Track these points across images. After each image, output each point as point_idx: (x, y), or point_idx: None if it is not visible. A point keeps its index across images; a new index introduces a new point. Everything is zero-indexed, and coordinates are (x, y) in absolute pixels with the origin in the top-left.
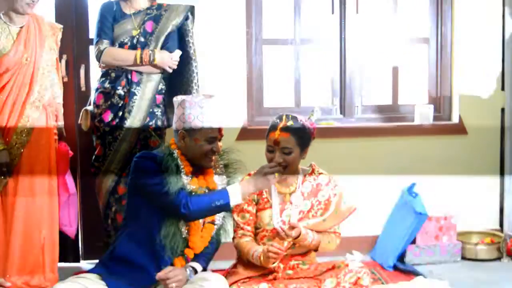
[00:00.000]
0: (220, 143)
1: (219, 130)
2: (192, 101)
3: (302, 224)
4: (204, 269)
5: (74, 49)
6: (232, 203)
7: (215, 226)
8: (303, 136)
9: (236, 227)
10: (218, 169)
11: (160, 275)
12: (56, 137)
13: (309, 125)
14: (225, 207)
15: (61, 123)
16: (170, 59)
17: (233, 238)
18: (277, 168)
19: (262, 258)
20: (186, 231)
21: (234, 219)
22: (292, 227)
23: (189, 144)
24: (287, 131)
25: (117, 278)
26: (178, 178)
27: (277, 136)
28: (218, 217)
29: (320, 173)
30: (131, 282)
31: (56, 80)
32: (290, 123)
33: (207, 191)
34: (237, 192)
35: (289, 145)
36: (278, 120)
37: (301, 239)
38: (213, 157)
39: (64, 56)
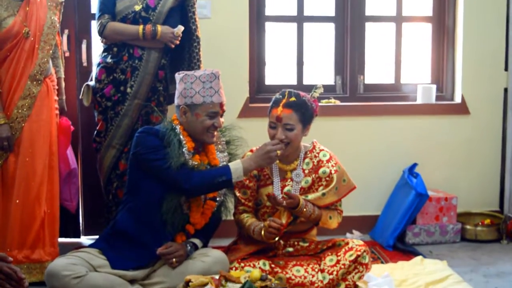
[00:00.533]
0: (222, 119)
1: (221, 105)
2: (193, 76)
3: (301, 197)
4: (205, 245)
5: (76, 24)
6: (234, 179)
7: (216, 203)
8: (305, 113)
9: (237, 202)
10: (220, 146)
11: (160, 250)
12: (57, 111)
13: (312, 102)
14: (227, 184)
15: (62, 97)
16: (172, 35)
17: (234, 213)
18: (279, 146)
19: (263, 233)
20: (187, 207)
21: (235, 195)
22: (289, 197)
23: (190, 119)
24: (290, 108)
25: (117, 253)
26: (180, 153)
27: (279, 112)
28: (219, 194)
29: (321, 150)
30: (132, 257)
31: (57, 55)
32: (292, 99)
33: (209, 167)
34: (239, 168)
35: (291, 121)
36: (280, 96)
37: (300, 210)
38: (215, 133)
39: (66, 31)
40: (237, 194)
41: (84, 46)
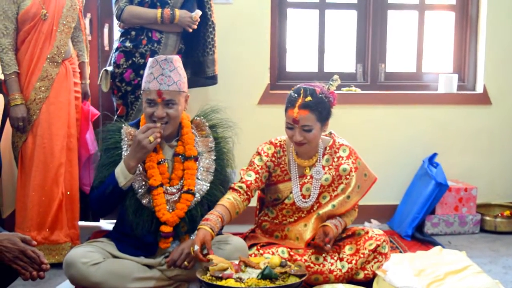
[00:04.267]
0: (171, 110)
1: (158, 93)
2: (149, 61)
3: (327, 208)
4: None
5: (98, 8)
6: (122, 183)
7: (196, 195)
8: (323, 111)
9: (239, 180)
10: (203, 132)
11: (168, 264)
12: (78, 94)
13: (329, 95)
14: (119, 189)
15: (86, 82)
16: (190, 19)
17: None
18: (150, 132)
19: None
20: (148, 201)
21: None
22: (325, 233)
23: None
24: (306, 108)
25: (125, 246)
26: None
27: (295, 114)
28: (201, 184)
29: (341, 145)
30: (139, 249)
31: (81, 39)
32: (308, 98)
33: (182, 159)
34: (122, 170)
35: (308, 122)
36: (296, 95)
37: (335, 236)
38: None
39: (88, 15)
40: (241, 172)
41: (106, 30)
